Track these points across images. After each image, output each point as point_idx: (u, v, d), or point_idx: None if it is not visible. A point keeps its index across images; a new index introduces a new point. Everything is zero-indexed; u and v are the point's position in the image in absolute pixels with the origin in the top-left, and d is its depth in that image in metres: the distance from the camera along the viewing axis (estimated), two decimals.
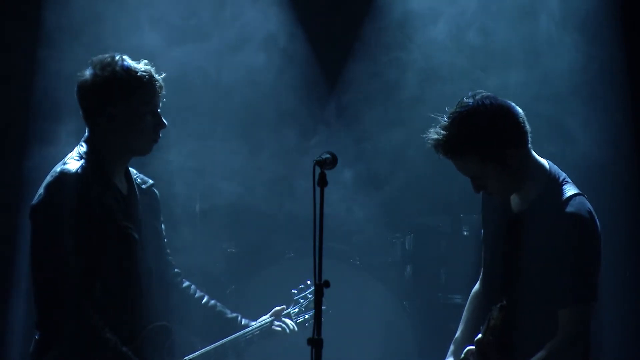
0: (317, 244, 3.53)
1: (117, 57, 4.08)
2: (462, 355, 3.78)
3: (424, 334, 6.57)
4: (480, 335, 3.67)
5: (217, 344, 4.47)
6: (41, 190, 4.00)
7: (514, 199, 3.97)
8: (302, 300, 4.75)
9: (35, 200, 3.99)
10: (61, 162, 4.05)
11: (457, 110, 3.84)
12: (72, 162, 4.03)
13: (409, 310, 6.66)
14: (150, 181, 4.32)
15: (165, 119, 4.15)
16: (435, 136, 3.84)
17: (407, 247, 6.99)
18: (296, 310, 4.72)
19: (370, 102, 6.79)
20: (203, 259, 6.65)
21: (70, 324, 3.92)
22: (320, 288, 3.55)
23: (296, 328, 4.66)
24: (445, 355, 4.14)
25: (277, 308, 4.66)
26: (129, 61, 4.09)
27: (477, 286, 4.22)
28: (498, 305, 3.63)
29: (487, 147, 3.79)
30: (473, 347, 3.71)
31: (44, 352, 3.99)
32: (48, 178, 4.02)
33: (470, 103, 3.84)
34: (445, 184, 6.76)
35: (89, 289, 3.95)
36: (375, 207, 6.85)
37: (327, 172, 3.62)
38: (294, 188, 6.53)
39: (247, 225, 6.80)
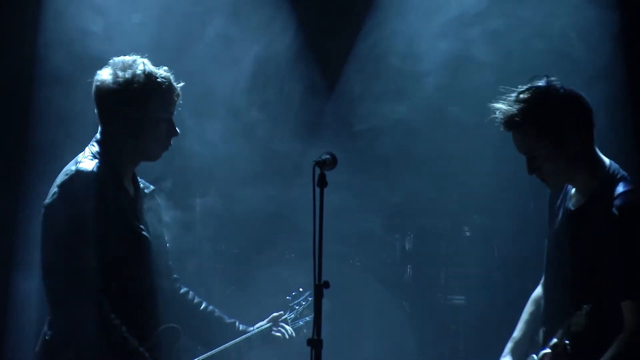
0: (317, 244, 3.52)
1: (139, 61, 4.05)
2: (539, 357, 3.76)
3: (424, 334, 6.57)
4: (555, 340, 3.66)
5: (219, 349, 4.47)
6: (55, 189, 3.95)
7: (574, 197, 3.97)
8: (297, 307, 4.76)
9: (49, 199, 3.94)
10: (74, 161, 4.01)
11: (529, 87, 3.88)
12: (87, 161, 3.98)
13: (408, 311, 6.66)
14: (152, 187, 4.31)
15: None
16: (504, 107, 3.86)
17: (407, 248, 6.98)
18: (292, 316, 4.73)
19: (370, 103, 6.79)
20: (203, 260, 6.64)
21: (90, 324, 3.86)
22: (320, 289, 3.54)
23: (294, 334, 4.67)
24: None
25: (275, 314, 4.67)
26: (149, 66, 4.05)
27: (538, 289, 4.22)
28: (584, 312, 3.62)
29: (547, 123, 3.83)
30: (549, 350, 3.69)
31: (57, 351, 3.93)
32: (62, 177, 3.96)
33: (544, 83, 3.88)
34: (445, 184, 6.75)
35: (105, 289, 3.91)
36: (375, 208, 6.84)
37: (326, 172, 3.62)
38: (293, 189, 6.52)
39: (246, 226, 6.79)
